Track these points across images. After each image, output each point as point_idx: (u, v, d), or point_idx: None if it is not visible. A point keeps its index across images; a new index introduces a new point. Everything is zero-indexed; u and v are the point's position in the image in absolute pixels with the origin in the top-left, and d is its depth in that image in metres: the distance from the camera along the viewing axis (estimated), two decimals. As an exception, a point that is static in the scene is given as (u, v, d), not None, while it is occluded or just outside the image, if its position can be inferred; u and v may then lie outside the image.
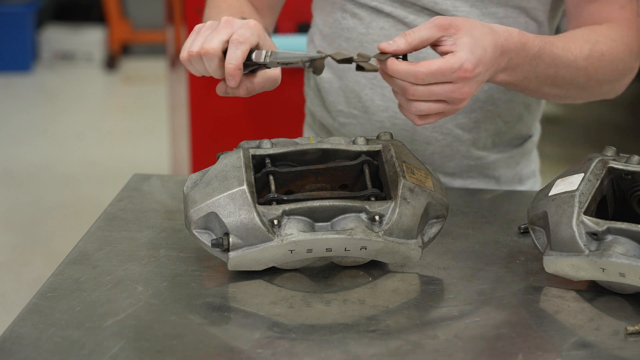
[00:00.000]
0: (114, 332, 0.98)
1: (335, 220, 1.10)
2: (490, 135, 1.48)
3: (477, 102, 1.44)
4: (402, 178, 1.11)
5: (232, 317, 1.03)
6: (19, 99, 5.42)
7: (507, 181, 1.52)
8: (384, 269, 1.14)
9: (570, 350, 0.96)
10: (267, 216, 1.08)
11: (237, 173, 1.10)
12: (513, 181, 1.53)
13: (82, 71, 5.98)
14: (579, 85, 1.31)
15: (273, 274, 1.11)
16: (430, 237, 1.14)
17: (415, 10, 1.39)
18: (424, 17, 1.39)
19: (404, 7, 1.39)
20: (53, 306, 1.03)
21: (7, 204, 3.91)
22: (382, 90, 1.44)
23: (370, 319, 1.02)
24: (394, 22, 1.40)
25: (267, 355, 0.94)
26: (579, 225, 1.06)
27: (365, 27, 1.42)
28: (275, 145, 1.16)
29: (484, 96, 1.44)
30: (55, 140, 4.70)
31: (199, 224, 1.10)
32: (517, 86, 1.24)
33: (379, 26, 1.41)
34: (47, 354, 0.94)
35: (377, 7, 1.40)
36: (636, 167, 1.11)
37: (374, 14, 1.41)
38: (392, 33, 1.40)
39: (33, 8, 5.86)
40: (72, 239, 1.32)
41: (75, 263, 1.14)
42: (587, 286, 1.10)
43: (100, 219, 1.28)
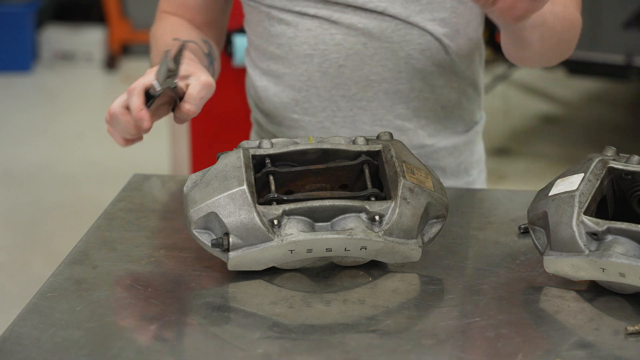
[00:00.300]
0: (114, 332, 0.98)
1: (335, 220, 1.10)
2: (431, 123, 1.48)
3: (414, 91, 1.45)
4: (402, 178, 1.11)
5: (232, 317, 1.03)
6: (19, 99, 5.41)
7: (453, 172, 1.53)
8: (384, 269, 1.14)
9: (570, 350, 0.96)
10: (267, 216, 1.08)
11: (237, 173, 1.10)
12: (459, 171, 1.54)
13: (82, 71, 5.98)
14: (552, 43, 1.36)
15: (273, 274, 1.11)
16: (431, 237, 1.14)
17: (339, 8, 1.41)
18: (349, 13, 1.41)
19: (327, 7, 1.41)
20: (53, 306, 1.03)
21: (7, 204, 3.91)
22: (318, 91, 1.45)
23: (370, 319, 1.02)
24: (320, 22, 1.42)
25: (267, 355, 0.94)
26: (579, 225, 1.06)
27: (292, 31, 1.44)
28: (275, 145, 1.16)
29: (419, 85, 1.45)
30: (55, 140, 4.70)
31: (199, 224, 1.10)
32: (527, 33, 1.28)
33: (305, 28, 1.43)
34: (47, 354, 0.94)
35: (301, 11, 1.42)
36: (636, 167, 1.11)
37: (299, 17, 1.43)
38: (319, 33, 1.42)
39: (33, 8, 5.85)
40: (72, 239, 1.31)
41: (75, 263, 1.14)
42: (587, 286, 1.10)
43: (100, 219, 1.28)
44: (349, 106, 1.45)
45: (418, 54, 1.43)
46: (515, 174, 4.25)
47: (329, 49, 1.43)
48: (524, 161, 4.43)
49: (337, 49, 1.42)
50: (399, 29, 1.41)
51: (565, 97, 5.42)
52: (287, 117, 1.49)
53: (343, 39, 1.42)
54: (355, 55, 1.42)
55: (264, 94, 1.50)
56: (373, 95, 1.45)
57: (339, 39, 1.42)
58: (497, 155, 4.49)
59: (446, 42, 1.44)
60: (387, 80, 1.44)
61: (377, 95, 1.45)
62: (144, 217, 1.29)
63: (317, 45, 1.43)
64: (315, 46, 1.43)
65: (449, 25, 1.43)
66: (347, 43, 1.42)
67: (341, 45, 1.42)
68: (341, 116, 1.46)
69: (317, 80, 1.44)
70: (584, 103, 5.39)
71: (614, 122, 5.03)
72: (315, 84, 1.45)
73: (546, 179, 1.41)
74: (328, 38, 1.42)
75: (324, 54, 1.43)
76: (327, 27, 1.42)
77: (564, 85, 5.49)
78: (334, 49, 1.42)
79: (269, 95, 1.49)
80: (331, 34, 1.42)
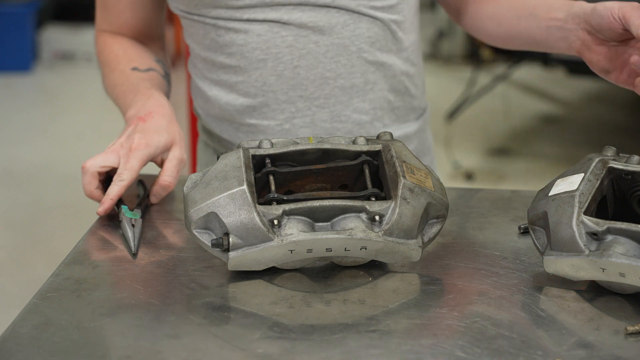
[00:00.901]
0: (114, 332, 0.98)
1: (335, 220, 1.10)
2: (386, 114, 1.50)
3: (368, 83, 1.47)
4: (402, 178, 1.11)
5: (232, 317, 1.03)
6: (19, 99, 5.41)
7: None
8: (384, 269, 1.14)
9: (570, 350, 0.96)
10: (267, 216, 1.08)
11: (237, 173, 1.10)
12: None
13: (82, 71, 5.98)
14: None
15: (273, 274, 1.11)
16: (431, 237, 1.14)
17: (286, 10, 1.41)
18: (297, 13, 1.41)
19: (275, 11, 1.41)
20: (53, 306, 1.03)
21: (7, 204, 3.91)
22: (275, 94, 1.46)
23: (370, 319, 1.02)
24: (270, 25, 1.42)
25: (267, 355, 0.94)
26: (579, 225, 1.06)
27: (243, 38, 1.44)
28: (275, 145, 1.16)
29: (373, 77, 1.47)
30: (55, 140, 4.70)
31: (199, 224, 1.10)
32: None
33: (256, 34, 1.43)
34: (47, 354, 0.94)
35: (250, 18, 1.42)
36: (636, 167, 1.11)
37: (248, 24, 1.43)
38: (270, 37, 1.43)
39: (33, 8, 5.85)
40: (72, 239, 1.31)
41: (75, 263, 1.14)
42: (587, 286, 1.10)
43: (100, 219, 1.28)
44: (307, 105, 1.46)
45: (368, 47, 1.45)
46: (515, 174, 4.26)
47: (282, 51, 1.43)
48: (524, 161, 4.43)
49: (290, 50, 1.43)
50: (348, 24, 1.43)
51: (565, 97, 5.42)
52: (243, 123, 1.49)
53: (294, 40, 1.42)
54: (308, 55, 1.43)
55: (216, 103, 1.50)
56: (330, 92, 1.46)
57: (290, 40, 1.42)
58: (497, 155, 4.49)
59: (394, 29, 1.46)
60: (342, 76, 1.45)
61: (334, 92, 1.46)
62: (143, 217, 1.28)
63: (269, 50, 1.43)
64: (268, 50, 1.43)
65: (397, 11, 1.46)
66: (298, 43, 1.42)
67: (293, 46, 1.43)
68: (300, 116, 1.47)
69: (272, 84, 1.45)
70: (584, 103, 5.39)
71: (614, 122, 5.03)
72: (272, 88, 1.45)
73: (546, 179, 1.41)
74: (279, 41, 1.42)
75: (277, 57, 1.43)
76: (277, 30, 1.42)
77: (564, 85, 5.49)
78: (287, 51, 1.43)
79: (221, 104, 1.50)
80: (282, 37, 1.42)
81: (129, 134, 1.33)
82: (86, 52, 6.11)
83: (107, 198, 1.27)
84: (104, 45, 1.54)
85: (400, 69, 1.50)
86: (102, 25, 1.56)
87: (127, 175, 1.28)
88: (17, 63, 5.81)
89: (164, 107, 1.38)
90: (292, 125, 1.47)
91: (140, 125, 1.33)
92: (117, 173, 1.29)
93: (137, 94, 1.41)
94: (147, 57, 1.52)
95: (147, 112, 1.35)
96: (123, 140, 1.32)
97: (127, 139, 1.32)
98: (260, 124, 1.48)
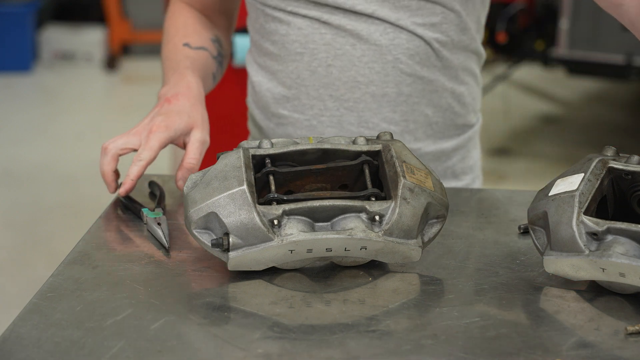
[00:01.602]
0: (114, 332, 0.98)
1: (335, 220, 1.10)
2: (419, 127, 1.49)
3: (401, 95, 1.46)
4: (402, 178, 1.11)
5: (232, 317, 1.03)
6: (19, 99, 5.42)
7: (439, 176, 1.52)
8: (384, 269, 1.14)
9: (570, 350, 0.96)
10: (267, 216, 1.08)
11: (237, 173, 1.10)
12: (445, 176, 1.54)
13: (82, 71, 5.98)
14: None
15: (273, 274, 1.11)
16: (431, 237, 1.14)
17: (329, 9, 1.42)
18: (338, 14, 1.42)
19: (318, 9, 1.43)
20: (53, 306, 1.03)
21: (7, 204, 3.91)
22: (307, 89, 1.47)
23: (370, 319, 1.02)
24: (311, 21, 1.44)
25: (267, 355, 0.94)
26: (579, 225, 1.06)
27: (285, 28, 1.46)
28: (275, 145, 1.16)
29: (407, 89, 1.45)
30: (55, 140, 4.71)
31: (199, 224, 1.10)
32: None
33: (297, 27, 1.45)
34: (47, 354, 0.94)
35: (293, 10, 1.44)
36: (636, 167, 1.11)
37: (291, 16, 1.45)
38: (309, 32, 1.44)
39: (33, 8, 5.85)
40: (72, 239, 1.31)
41: (75, 263, 1.14)
42: (587, 286, 1.10)
43: (100, 219, 1.28)
44: (336, 106, 1.46)
45: (407, 58, 1.44)
46: (515, 174, 4.26)
47: (318, 48, 1.44)
48: (524, 161, 4.43)
49: (326, 49, 1.43)
50: (388, 32, 1.42)
51: (565, 97, 5.42)
52: (276, 113, 1.51)
53: (332, 39, 1.43)
54: (343, 56, 1.43)
55: (259, 89, 1.53)
56: (360, 97, 1.45)
57: (328, 38, 1.43)
58: (497, 155, 4.49)
59: (437, 47, 1.44)
60: (374, 83, 1.45)
61: (364, 97, 1.45)
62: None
63: (307, 44, 1.44)
64: (306, 45, 1.44)
65: (440, 31, 1.44)
66: (336, 43, 1.43)
67: (330, 45, 1.43)
68: (328, 115, 1.47)
69: (306, 78, 1.46)
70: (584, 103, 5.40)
71: (614, 122, 5.04)
72: (305, 82, 1.46)
73: (546, 179, 1.41)
74: (318, 37, 1.43)
75: (313, 52, 1.44)
76: (317, 27, 1.43)
77: (564, 85, 5.49)
78: (323, 48, 1.44)
79: (262, 90, 1.52)
80: (321, 34, 1.43)
81: (153, 116, 1.35)
82: (86, 52, 6.11)
83: (128, 179, 1.29)
84: (171, 14, 1.56)
85: (443, 86, 1.47)
86: None
87: (146, 155, 1.30)
88: (17, 63, 5.81)
89: (192, 90, 1.39)
90: (320, 122, 1.48)
91: (165, 107, 1.36)
92: (137, 153, 1.31)
93: (175, 72, 1.44)
94: (205, 35, 1.53)
95: (174, 94, 1.38)
96: (146, 122, 1.35)
97: (149, 122, 1.34)
98: (291, 115, 1.49)
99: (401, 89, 1.45)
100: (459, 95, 1.50)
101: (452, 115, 1.51)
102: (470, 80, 1.52)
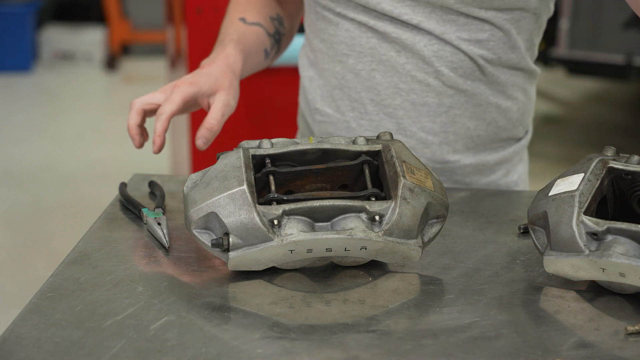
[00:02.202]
0: (114, 332, 0.98)
1: (335, 220, 1.10)
2: (459, 139, 1.47)
3: (442, 106, 1.44)
4: (402, 178, 1.11)
5: (232, 317, 1.03)
6: (19, 99, 5.42)
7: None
8: (384, 269, 1.14)
9: (570, 350, 0.96)
10: (267, 216, 1.08)
11: (237, 173, 1.10)
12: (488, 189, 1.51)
13: (82, 71, 5.98)
14: None
15: (273, 274, 1.11)
16: (431, 237, 1.14)
17: (374, 15, 1.42)
18: (384, 21, 1.42)
19: (365, 13, 1.43)
20: (53, 306, 1.03)
21: (7, 204, 3.91)
22: (349, 91, 1.47)
23: (370, 319, 1.02)
24: (358, 25, 1.44)
25: (267, 355, 0.94)
26: (579, 225, 1.06)
27: (333, 28, 1.46)
28: (275, 145, 1.16)
29: (449, 101, 1.44)
30: (55, 140, 4.71)
31: (199, 224, 1.10)
32: None
33: (344, 28, 1.45)
34: (47, 354, 0.94)
35: (342, 12, 1.45)
36: (636, 167, 1.11)
37: (340, 17, 1.45)
38: (356, 35, 1.44)
39: (33, 8, 5.85)
40: (72, 239, 1.32)
41: (75, 263, 1.14)
42: (587, 286, 1.10)
43: (100, 219, 1.28)
44: (376, 110, 1.46)
45: (449, 71, 1.42)
46: (515, 174, 4.25)
47: (364, 51, 1.44)
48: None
49: (371, 52, 1.44)
50: (432, 43, 1.41)
51: (565, 97, 5.42)
52: (320, 111, 1.52)
53: (378, 44, 1.43)
54: (387, 62, 1.43)
55: (308, 85, 1.54)
56: (400, 104, 1.45)
57: (374, 43, 1.43)
58: (497, 155, 4.48)
59: (482, 64, 1.43)
60: (415, 91, 1.44)
61: (404, 105, 1.45)
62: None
63: (353, 47, 1.45)
64: (352, 47, 1.45)
65: (486, 48, 1.42)
66: (381, 48, 1.43)
67: (375, 49, 1.43)
68: (367, 119, 1.47)
69: (350, 80, 1.47)
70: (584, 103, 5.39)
71: (614, 122, 5.04)
72: (348, 84, 1.47)
73: (546, 179, 1.41)
74: (364, 41, 1.43)
75: (359, 55, 1.45)
76: (364, 30, 1.43)
77: (564, 85, 5.49)
78: (369, 52, 1.44)
79: (312, 86, 1.53)
80: (367, 37, 1.43)
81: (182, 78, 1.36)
82: (86, 52, 6.11)
83: (155, 136, 1.31)
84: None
85: (488, 100, 1.45)
86: None
87: (168, 108, 1.31)
88: (17, 63, 5.82)
89: (228, 59, 1.40)
90: (359, 125, 1.48)
91: (197, 71, 1.37)
92: (159, 108, 1.32)
93: (220, 44, 1.45)
94: (264, 12, 1.53)
95: (210, 61, 1.39)
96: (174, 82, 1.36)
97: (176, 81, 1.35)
98: (334, 115, 1.50)
99: (442, 99, 1.44)
100: (505, 109, 1.48)
101: (496, 129, 1.48)
102: (519, 96, 1.49)
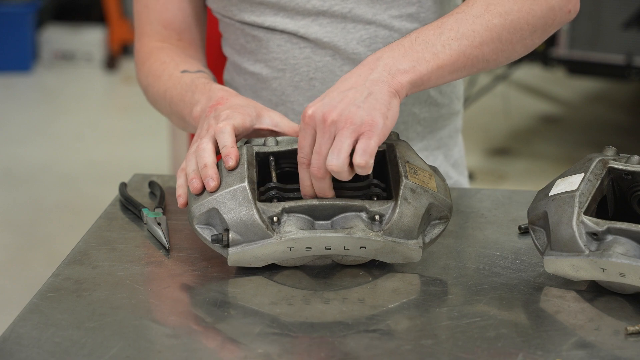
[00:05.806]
0: (114, 332, 0.98)
1: (336, 219, 1.10)
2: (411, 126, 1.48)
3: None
4: (404, 178, 1.11)
5: (232, 315, 1.03)
6: (19, 99, 5.41)
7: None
8: (385, 268, 1.14)
9: (570, 350, 0.96)
10: (267, 213, 1.08)
11: (239, 170, 1.11)
12: None
13: (82, 71, 5.98)
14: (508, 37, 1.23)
15: (273, 273, 1.11)
16: (433, 238, 1.14)
17: (305, 23, 1.40)
18: (315, 27, 1.40)
19: (295, 21, 1.40)
20: (53, 306, 1.03)
21: (7, 204, 3.91)
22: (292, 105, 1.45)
23: (370, 318, 1.02)
24: (288, 36, 1.42)
25: (266, 354, 0.94)
26: (579, 225, 1.06)
27: (265, 45, 1.44)
28: (280, 143, 1.17)
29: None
30: (55, 140, 4.70)
31: (201, 219, 1.11)
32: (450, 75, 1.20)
33: (276, 44, 1.43)
34: (47, 354, 0.94)
35: (271, 26, 1.42)
36: (636, 167, 1.11)
37: (270, 33, 1.43)
38: (288, 48, 1.42)
39: (33, 8, 5.85)
40: (72, 239, 1.31)
41: (75, 263, 1.14)
42: (587, 286, 1.10)
43: (100, 219, 1.28)
44: None
45: None
46: (515, 174, 4.26)
47: (299, 62, 1.42)
48: (524, 161, 4.43)
49: (307, 62, 1.42)
50: (364, 39, 1.41)
51: (565, 97, 5.42)
52: None
53: (312, 52, 1.42)
54: (324, 68, 1.42)
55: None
56: None
57: (307, 52, 1.42)
58: (497, 155, 4.49)
59: None
60: None
61: None
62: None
63: (287, 60, 1.43)
64: (286, 61, 1.43)
65: (418, 20, 1.42)
66: (315, 56, 1.42)
67: (310, 58, 1.42)
68: None
69: (290, 94, 1.44)
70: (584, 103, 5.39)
71: (614, 122, 5.04)
72: (289, 98, 1.45)
73: (546, 179, 1.41)
74: (297, 52, 1.42)
75: (295, 68, 1.43)
76: (295, 42, 1.42)
77: (564, 85, 5.49)
78: (304, 62, 1.42)
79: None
80: (300, 48, 1.42)
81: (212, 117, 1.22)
82: (86, 52, 6.11)
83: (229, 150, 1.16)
84: (148, 55, 1.48)
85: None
86: (144, 29, 1.50)
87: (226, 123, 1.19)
88: (17, 63, 5.81)
89: (232, 92, 1.30)
90: None
91: (220, 108, 1.24)
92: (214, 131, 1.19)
93: (196, 91, 1.33)
94: (194, 62, 1.46)
95: (217, 99, 1.27)
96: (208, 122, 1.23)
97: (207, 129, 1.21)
98: None
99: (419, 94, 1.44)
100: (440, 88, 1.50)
101: (436, 108, 1.50)
102: None
